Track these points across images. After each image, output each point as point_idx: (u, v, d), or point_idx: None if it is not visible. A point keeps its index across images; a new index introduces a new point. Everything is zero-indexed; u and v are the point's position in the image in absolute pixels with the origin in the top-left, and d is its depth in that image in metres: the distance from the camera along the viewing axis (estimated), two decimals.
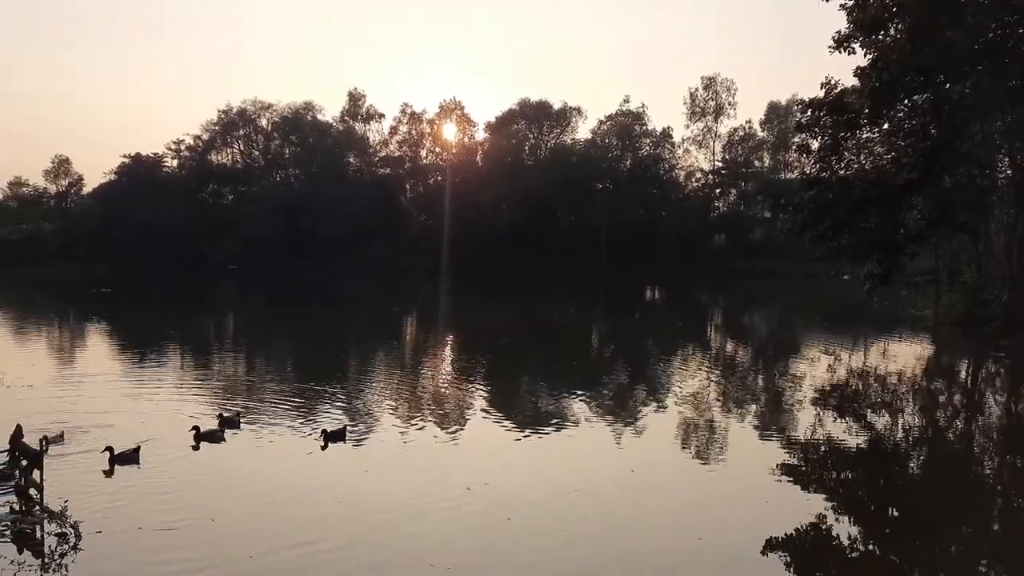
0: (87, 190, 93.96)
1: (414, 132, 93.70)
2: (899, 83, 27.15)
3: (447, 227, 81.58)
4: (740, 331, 39.03)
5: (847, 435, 15.38)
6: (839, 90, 29.09)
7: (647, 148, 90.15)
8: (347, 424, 14.21)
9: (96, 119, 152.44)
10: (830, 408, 18.08)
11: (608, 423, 15.91)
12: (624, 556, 9.07)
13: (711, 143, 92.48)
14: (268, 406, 16.42)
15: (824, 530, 10.06)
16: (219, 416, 14.41)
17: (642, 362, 26.45)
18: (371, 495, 10.85)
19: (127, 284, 62.48)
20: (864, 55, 27.25)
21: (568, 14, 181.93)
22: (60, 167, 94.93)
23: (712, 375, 22.86)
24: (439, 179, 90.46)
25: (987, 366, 25.10)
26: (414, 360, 25.83)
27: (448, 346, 30.22)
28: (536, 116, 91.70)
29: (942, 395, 20.83)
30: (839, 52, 27.63)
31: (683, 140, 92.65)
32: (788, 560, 9.14)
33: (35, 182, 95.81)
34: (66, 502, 9.65)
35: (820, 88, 29.60)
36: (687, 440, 14.82)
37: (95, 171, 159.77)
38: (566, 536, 9.58)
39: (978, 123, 29.77)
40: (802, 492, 11.72)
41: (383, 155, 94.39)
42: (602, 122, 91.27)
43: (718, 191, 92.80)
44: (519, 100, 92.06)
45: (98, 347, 28.17)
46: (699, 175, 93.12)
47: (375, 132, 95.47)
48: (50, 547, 8.75)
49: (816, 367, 24.19)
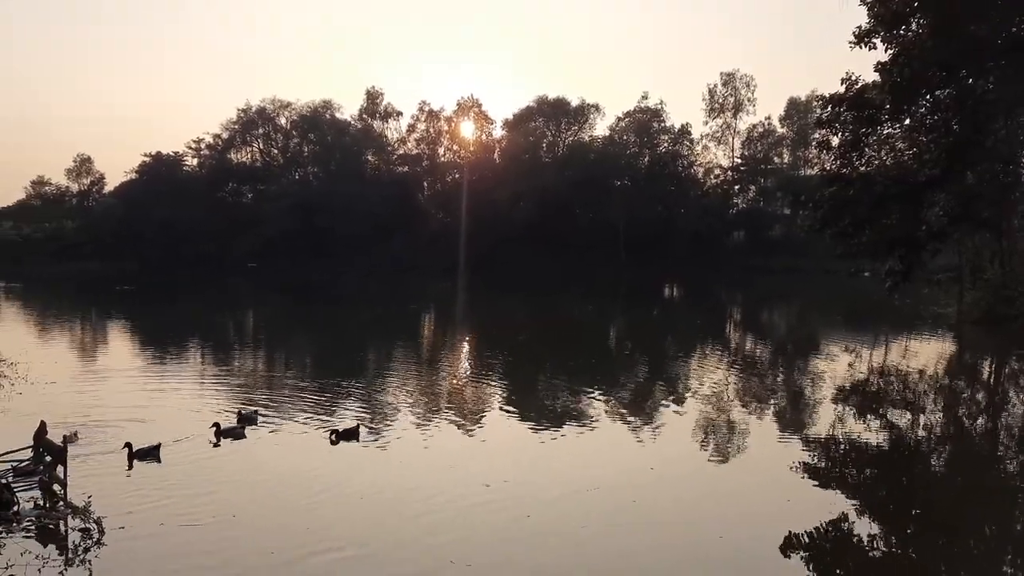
0: (108, 189, 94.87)
1: (432, 130, 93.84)
2: (921, 78, 26.84)
3: (464, 224, 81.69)
4: (759, 328, 38.80)
5: (868, 433, 15.26)
6: (860, 86, 28.82)
7: (665, 145, 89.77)
8: (360, 423, 14.14)
9: (117, 119, 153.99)
10: (851, 406, 17.95)
11: (627, 420, 15.87)
12: (644, 553, 9.05)
13: (730, 139, 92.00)
14: (288, 403, 16.52)
15: (845, 528, 9.99)
16: (238, 413, 14.51)
17: (660, 359, 26.37)
18: (391, 491, 10.88)
19: (149, 281, 62.99)
20: (885, 50, 26.96)
21: (587, 10, 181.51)
22: (82, 166, 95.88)
23: (731, 372, 22.74)
24: (456, 177, 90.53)
25: (1010, 364, 24.81)
26: (432, 357, 25.89)
27: (466, 343, 30.25)
28: (554, 113, 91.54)
29: (964, 393, 20.61)
30: (860, 47, 27.35)
31: (702, 136, 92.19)
32: (809, 558, 9.09)
33: (57, 181, 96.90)
34: (89, 498, 9.75)
35: (840, 84, 29.35)
36: (706, 438, 14.75)
37: (116, 170, 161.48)
38: (586, 533, 9.57)
39: (1001, 118, 29.40)
40: (823, 490, 11.64)
41: (401, 153, 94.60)
42: (620, 119, 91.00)
43: (737, 188, 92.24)
44: (536, 97, 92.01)
45: (120, 344, 28.44)
46: (718, 172, 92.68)
47: (393, 130, 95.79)
48: (74, 542, 8.85)
49: (836, 365, 24.00)
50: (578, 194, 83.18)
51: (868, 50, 27.10)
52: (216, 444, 13.03)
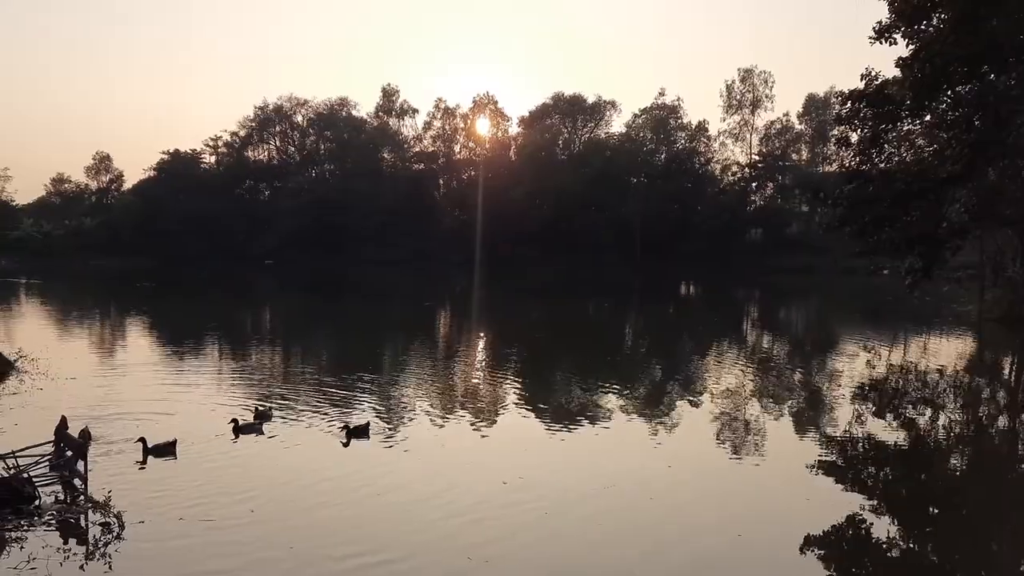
0: (127, 186, 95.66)
1: (447, 127, 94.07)
2: (942, 74, 26.55)
3: (480, 222, 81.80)
4: (776, 326, 38.60)
5: (887, 432, 15.14)
6: (880, 81, 28.54)
7: (682, 142, 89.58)
8: (369, 421, 14.13)
9: (136, 117, 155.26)
10: (869, 404, 17.81)
11: (643, 418, 15.82)
12: (663, 551, 9.02)
13: (748, 136, 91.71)
14: (305, 399, 16.58)
15: (864, 527, 9.91)
16: (256, 410, 14.59)
17: (676, 357, 26.27)
18: (407, 488, 10.90)
19: (167, 277, 63.44)
20: (906, 46, 26.65)
21: (604, 7, 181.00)
22: (101, 164, 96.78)
23: (748, 370, 22.62)
24: (472, 174, 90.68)
25: None
26: (447, 354, 25.92)
27: (481, 341, 30.27)
28: (570, 110, 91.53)
29: (985, 392, 20.40)
30: (880, 43, 27.08)
31: (719, 133, 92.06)
32: (827, 557, 9.03)
33: (77, 179, 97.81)
34: (110, 492, 9.84)
35: (860, 79, 29.08)
36: (724, 436, 14.68)
37: (135, 167, 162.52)
38: (604, 530, 9.54)
39: None
40: (842, 489, 11.56)
41: (417, 150, 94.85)
42: (637, 116, 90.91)
43: (754, 185, 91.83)
44: (553, 94, 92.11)
45: (138, 339, 28.65)
46: (735, 169, 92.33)
47: (409, 127, 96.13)
48: (94, 536, 8.92)
49: (855, 363, 23.82)
50: (594, 191, 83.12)
51: (889, 46, 26.81)
52: (234, 440, 13.09)
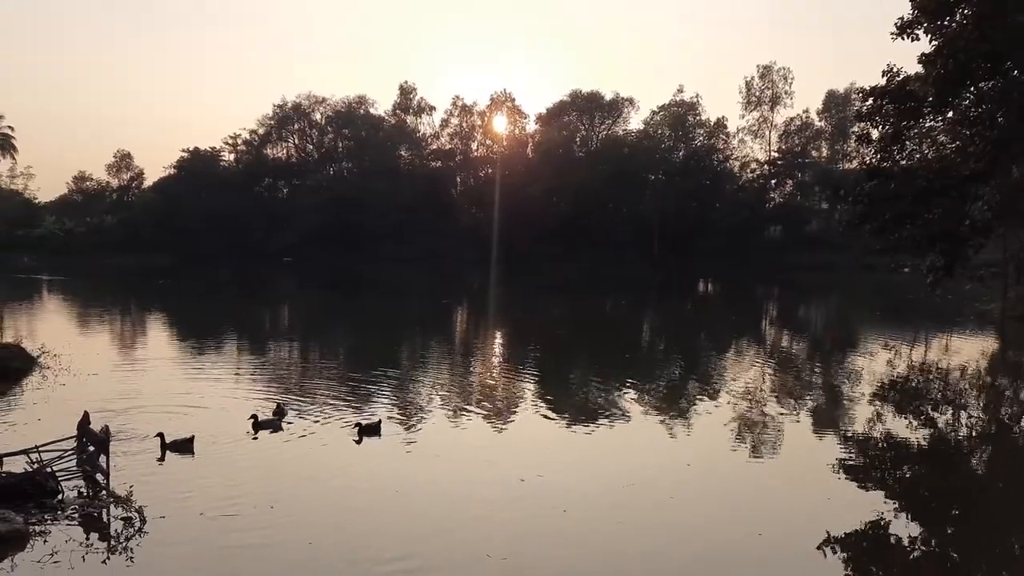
0: (148, 184, 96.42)
1: (465, 125, 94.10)
2: (965, 70, 26.24)
3: (497, 219, 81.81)
4: (796, 324, 38.36)
5: (908, 431, 15.02)
6: (901, 78, 28.25)
7: (701, 139, 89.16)
8: (382, 418, 14.03)
9: (157, 115, 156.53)
10: (890, 403, 17.68)
11: (661, 416, 15.77)
12: (683, 550, 8.99)
13: (767, 133, 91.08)
14: (325, 396, 16.65)
15: (885, 528, 9.84)
16: (276, 406, 14.66)
17: (695, 355, 26.17)
18: (425, 484, 10.92)
19: (188, 274, 63.93)
20: (929, 41, 26.34)
21: (622, 4, 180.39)
22: (122, 162, 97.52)
23: (767, 369, 22.50)
24: (489, 171, 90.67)
25: None
26: (465, 351, 25.96)
27: (498, 338, 30.29)
28: (587, 107, 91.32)
29: (1007, 391, 20.19)
30: (902, 38, 26.79)
31: (738, 130, 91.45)
32: (848, 557, 8.97)
33: (98, 177, 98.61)
34: (131, 487, 9.93)
35: (881, 76, 28.78)
36: (743, 434, 14.61)
37: (155, 165, 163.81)
38: (623, 529, 9.52)
39: None
40: (862, 488, 11.48)
41: (434, 148, 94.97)
42: (655, 112, 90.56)
43: (773, 182, 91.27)
44: (570, 91, 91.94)
45: (159, 335, 28.90)
46: (754, 166, 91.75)
47: (426, 125, 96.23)
48: (116, 531, 9.00)
49: (875, 362, 23.64)
50: (612, 188, 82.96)
51: (911, 41, 26.50)
52: (254, 436, 13.17)
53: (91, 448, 11.13)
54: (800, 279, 66.56)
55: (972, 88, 28.53)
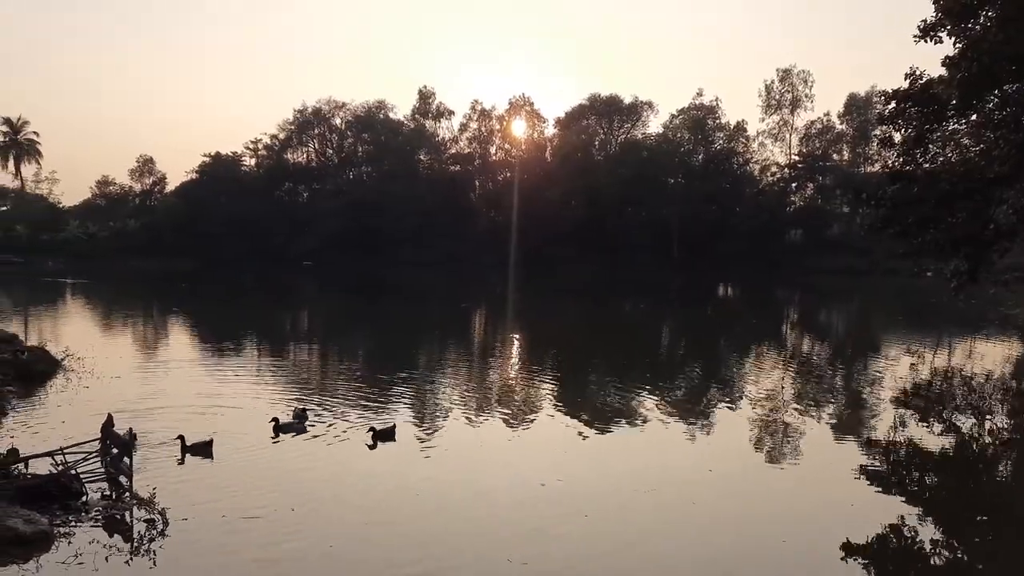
0: (170, 188, 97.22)
1: (483, 129, 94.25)
2: (990, 73, 25.92)
3: (515, 223, 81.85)
4: (817, 328, 38.08)
5: (932, 438, 14.86)
6: (924, 80, 27.97)
7: (720, 142, 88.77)
8: (396, 423, 13.97)
9: (178, 120, 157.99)
10: (913, 409, 17.48)
11: (682, 421, 15.69)
12: (706, 556, 8.93)
13: (787, 136, 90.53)
14: (346, 399, 16.72)
15: (908, 534, 9.74)
16: (301, 410, 14.71)
17: (715, 359, 26.04)
18: (445, 488, 10.93)
19: (210, 278, 64.41)
20: (953, 44, 26.08)
21: (641, 7, 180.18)
22: (144, 166, 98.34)
23: (788, 373, 22.34)
24: (508, 175, 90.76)
25: None
26: (483, 355, 25.97)
27: (516, 342, 30.28)
28: (606, 111, 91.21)
29: None
30: (924, 41, 26.52)
31: (758, 134, 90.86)
32: (872, 564, 8.88)
33: (121, 181, 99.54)
34: (154, 489, 10.01)
35: (904, 79, 28.49)
36: (764, 440, 14.51)
37: (177, 170, 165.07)
38: (646, 534, 9.49)
39: None
40: (885, 495, 11.36)
41: (453, 152, 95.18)
42: (674, 116, 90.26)
43: (794, 185, 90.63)
44: (589, 95, 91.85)
45: (182, 339, 29.15)
46: (774, 169, 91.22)
47: (445, 129, 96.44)
48: (139, 532, 9.08)
49: (897, 367, 23.42)
50: (630, 191, 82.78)
51: (934, 44, 26.23)
52: (275, 439, 13.25)
53: (114, 450, 11.23)
54: (821, 283, 66.07)
55: (996, 91, 28.19)
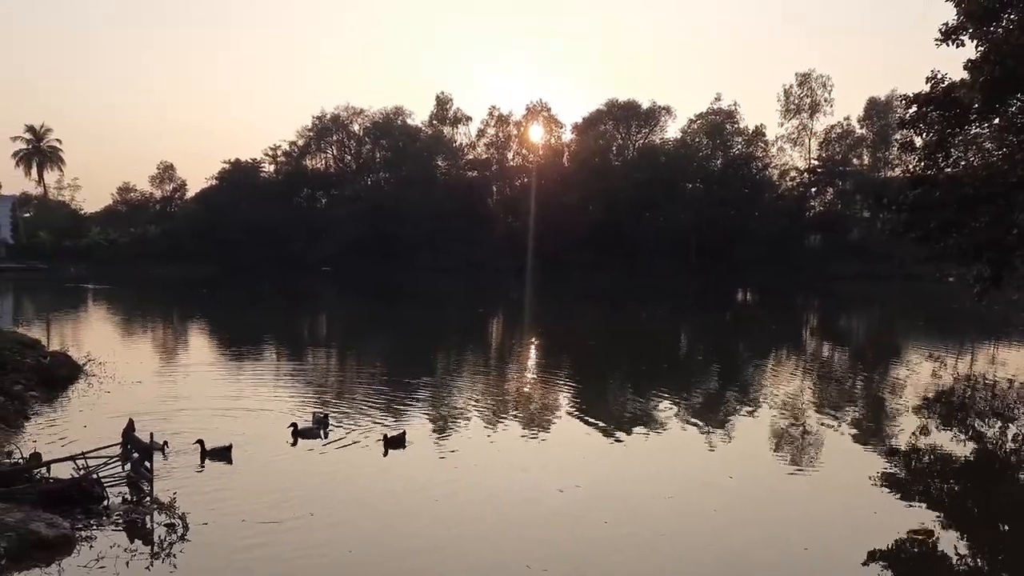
0: (190, 194, 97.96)
1: (501, 134, 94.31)
2: (1013, 76, 25.64)
3: (532, 228, 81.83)
4: (837, 334, 37.77)
5: (954, 445, 14.70)
6: (946, 84, 27.72)
7: (739, 147, 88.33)
8: (406, 429, 13.91)
9: (198, 127, 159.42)
10: (935, 416, 17.31)
11: (700, 428, 15.59)
12: (728, 564, 8.86)
13: (806, 141, 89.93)
14: (364, 404, 16.75)
15: (931, 544, 9.61)
16: (320, 416, 14.76)
17: (734, 365, 25.89)
18: (464, 494, 10.93)
19: (230, 284, 64.84)
20: (976, 47, 25.88)
21: (659, 12, 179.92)
22: (165, 173, 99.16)
23: (808, 379, 22.18)
24: (525, 180, 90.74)
25: None
26: (500, 361, 25.97)
27: (534, 347, 30.23)
28: (624, 116, 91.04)
29: None
30: (946, 44, 26.31)
31: (777, 138, 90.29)
32: (894, 573, 8.78)
33: (142, 188, 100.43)
34: (175, 494, 10.07)
35: (925, 82, 28.27)
36: (784, 447, 14.40)
37: (197, 176, 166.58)
38: (665, 541, 9.44)
39: None
40: (907, 503, 11.23)
41: (470, 158, 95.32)
42: (692, 121, 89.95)
43: (813, 190, 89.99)
44: (607, 100, 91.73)
45: (202, 345, 29.33)
46: (793, 174, 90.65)
47: (462, 135, 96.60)
48: (160, 537, 9.13)
49: (919, 373, 23.19)
50: (648, 196, 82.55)
51: (956, 48, 26.02)
52: (293, 444, 13.30)
53: (135, 455, 11.31)
54: (841, 288, 65.59)
55: (1019, 94, 27.88)
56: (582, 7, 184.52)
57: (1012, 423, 16.72)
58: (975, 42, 25.52)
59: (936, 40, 26.24)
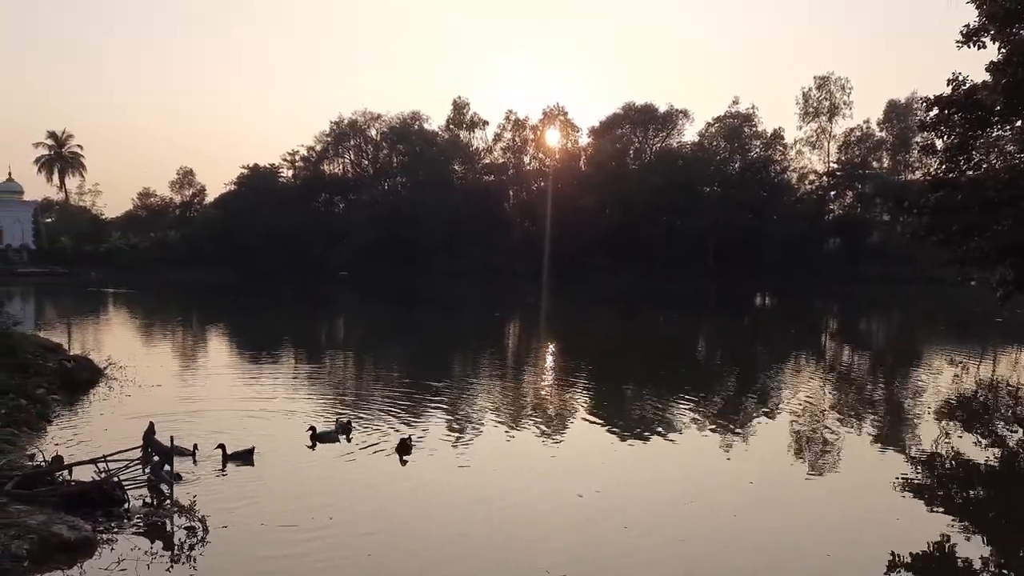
0: (209, 199, 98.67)
1: (518, 139, 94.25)
2: None
3: (549, 233, 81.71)
4: (856, 338, 37.47)
5: (977, 450, 14.52)
6: (968, 86, 27.46)
7: (757, 150, 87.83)
8: (411, 435, 13.83)
9: (218, 132, 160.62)
10: (957, 421, 17.12)
11: (719, 433, 15.50)
12: (750, 570, 8.81)
13: (825, 144, 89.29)
14: (383, 408, 16.78)
15: (953, 551, 9.51)
16: (336, 420, 14.78)
17: (752, 370, 25.73)
18: (483, 499, 10.92)
19: (249, 288, 65.17)
20: (998, 49, 25.63)
21: (677, 16, 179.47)
22: (184, 178, 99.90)
23: (827, 384, 22.00)
24: (542, 185, 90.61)
25: None
26: (517, 365, 25.95)
27: (551, 351, 30.20)
28: (641, 120, 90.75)
29: None
30: (968, 46, 26.08)
31: (795, 141, 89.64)
32: None
33: (162, 193, 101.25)
34: (195, 497, 10.12)
35: (947, 84, 28.02)
36: (804, 452, 14.29)
37: (216, 182, 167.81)
38: (686, 547, 9.38)
39: None
40: (929, 509, 11.12)
41: (487, 162, 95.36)
42: (710, 124, 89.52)
43: (833, 193, 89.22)
44: (624, 104, 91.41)
45: (222, 349, 29.53)
46: (812, 177, 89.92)
47: (479, 140, 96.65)
48: (180, 539, 9.19)
49: (940, 378, 22.96)
50: (665, 200, 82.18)
51: (977, 49, 25.79)
52: (312, 448, 13.33)
53: (156, 458, 11.38)
54: (861, 292, 65.07)
55: None
56: (600, 12, 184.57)
57: None
58: (997, 44, 25.28)
59: (957, 42, 25.98)
